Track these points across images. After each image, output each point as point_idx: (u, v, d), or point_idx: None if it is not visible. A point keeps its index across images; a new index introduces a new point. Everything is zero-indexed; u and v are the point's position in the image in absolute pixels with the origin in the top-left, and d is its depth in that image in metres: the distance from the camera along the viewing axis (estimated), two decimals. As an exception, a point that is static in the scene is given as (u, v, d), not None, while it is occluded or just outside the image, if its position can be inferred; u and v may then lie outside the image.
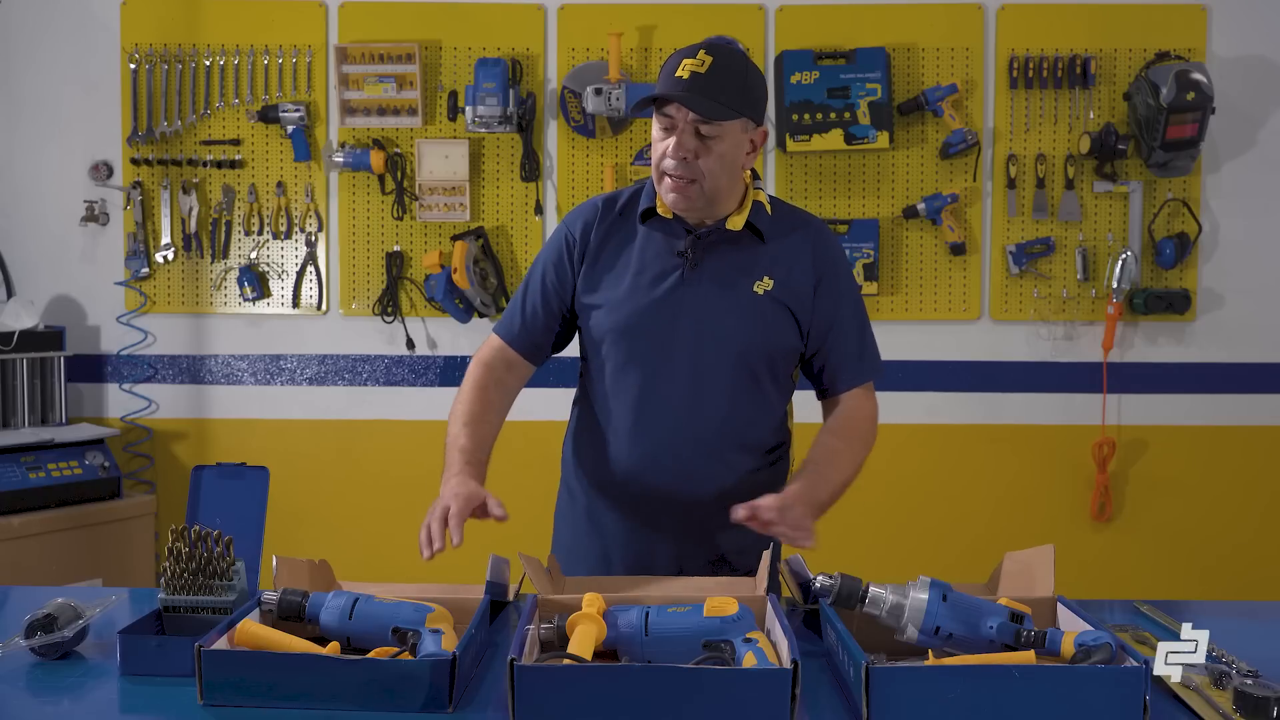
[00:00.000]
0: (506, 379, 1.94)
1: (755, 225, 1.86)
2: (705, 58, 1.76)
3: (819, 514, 1.77)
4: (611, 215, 1.91)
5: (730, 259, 1.85)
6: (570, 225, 1.93)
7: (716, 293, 1.84)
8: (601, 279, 1.88)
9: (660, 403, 1.85)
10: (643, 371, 1.85)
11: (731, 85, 1.78)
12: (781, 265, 1.86)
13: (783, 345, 1.87)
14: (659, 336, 1.84)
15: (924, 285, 3.56)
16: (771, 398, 1.91)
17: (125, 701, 1.36)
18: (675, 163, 1.77)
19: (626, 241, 1.88)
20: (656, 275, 1.85)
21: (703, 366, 1.84)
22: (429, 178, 3.53)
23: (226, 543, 1.50)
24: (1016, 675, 1.23)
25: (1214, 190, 3.56)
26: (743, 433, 1.89)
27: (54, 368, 3.50)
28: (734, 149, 1.82)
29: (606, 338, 1.87)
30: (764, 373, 1.87)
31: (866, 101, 3.42)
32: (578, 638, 1.35)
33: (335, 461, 3.67)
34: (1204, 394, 3.58)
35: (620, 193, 1.95)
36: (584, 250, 1.90)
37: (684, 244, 1.84)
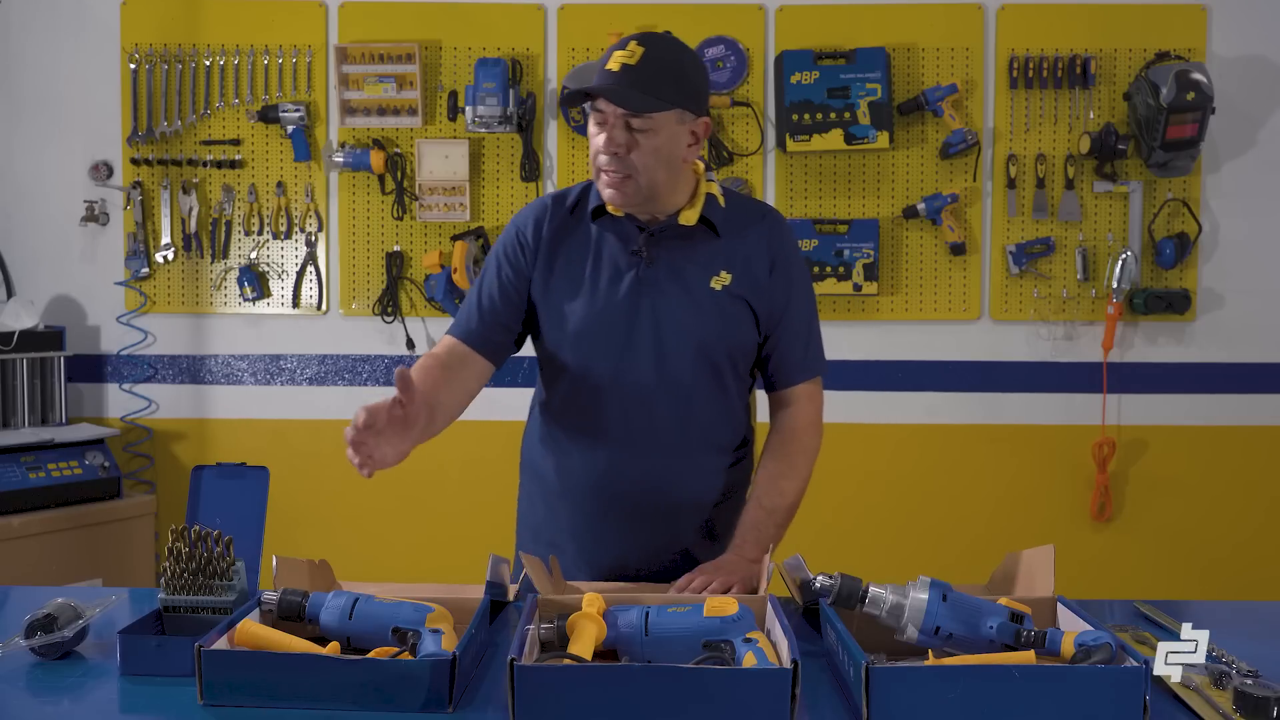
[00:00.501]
0: (458, 368, 1.84)
1: (709, 219, 1.82)
2: (636, 49, 1.72)
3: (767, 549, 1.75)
4: (562, 213, 1.87)
5: (686, 255, 1.82)
6: (521, 225, 1.88)
7: (674, 291, 1.80)
8: (557, 282, 1.84)
9: (624, 405, 1.82)
10: (605, 375, 1.82)
11: (663, 76, 1.72)
12: (738, 258, 1.83)
13: (743, 340, 1.85)
14: (619, 339, 1.81)
15: (924, 285, 3.56)
16: (733, 394, 1.89)
17: (125, 701, 1.36)
18: (607, 158, 1.73)
19: (579, 241, 1.85)
20: (612, 276, 1.81)
21: (665, 366, 1.81)
22: (429, 178, 3.53)
23: (226, 543, 1.50)
24: (1016, 675, 1.23)
25: (1214, 190, 3.56)
26: (707, 431, 1.87)
27: (54, 368, 3.50)
28: (669, 142, 1.75)
29: (566, 342, 1.84)
30: (726, 369, 1.85)
31: (866, 101, 3.42)
32: (578, 638, 1.35)
33: (335, 461, 3.62)
34: (1204, 394, 3.58)
35: (569, 190, 1.90)
36: (536, 249, 1.85)
37: (638, 242, 1.81)
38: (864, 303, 3.54)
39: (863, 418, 3.57)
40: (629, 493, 1.85)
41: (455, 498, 3.61)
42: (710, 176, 1.88)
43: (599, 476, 1.85)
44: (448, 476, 3.62)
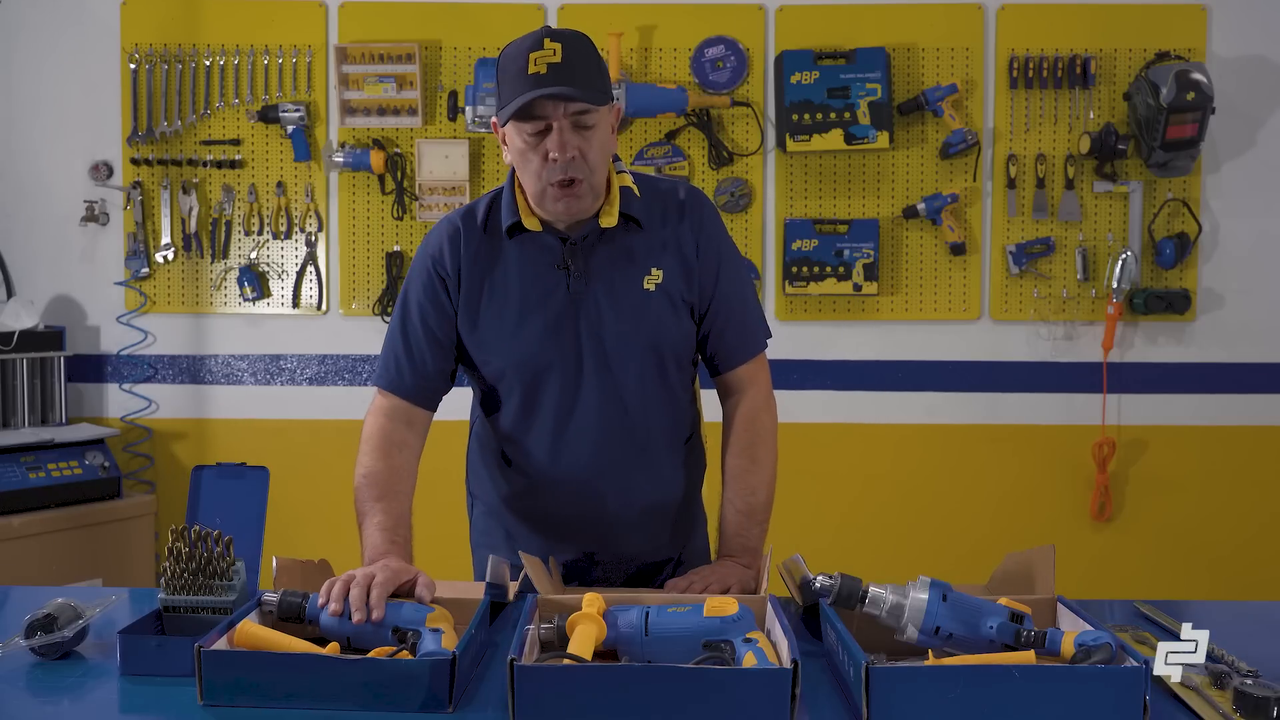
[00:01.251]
0: (407, 438, 1.77)
1: (629, 214, 1.73)
2: (553, 45, 1.61)
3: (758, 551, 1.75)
4: (476, 234, 1.75)
5: (613, 260, 1.73)
6: (436, 256, 1.76)
7: (608, 300, 1.72)
8: (485, 311, 1.74)
9: (578, 424, 1.76)
10: (554, 396, 1.75)
11: (591, 68, 1.64)
12: (668, 250, 1.74)
13: (682, 336, 1.78)
14: (563, 360, 1.73)
15: (924, 285, 3.56)
16: (679, 388, 1.83)
17: (125, 701, 1.36)
18: (563, 164, 1.61)
19: (499, 262, 1.73)
20: (541, 295, 1.72)
21: (613, 378, 1.74)
22: (429, 178, 3.53)
23: (226, 543, 1.49)
24: (1016, 675, 1.23)
25: (1214, 190, 3.56)
26: (663, 431, 1.82)
27: (54, 368, 3.50)
28: (606, 136, 1.68)
29: (506, 373, 1.76)
30: (671, 367, 1.79)
31: (866, 101, 3.42)
32: (578, 638, 1.35)
33: (335, 461, 3.65)
34: (1204, 394, 3.58)
35: (475, 205, 1.78)
36: (458, 280, 1.74)
37: (561, 254, 1.71)
38: (864, 303, 3.54)
39: (863, 418, 3.57)
40: (590, 509, 1.80)
41: (455, 498, 3.59)
42: (620, 167, 1.78)
43: (559, 496, 1.80)
44: (447, 476, 3.60)
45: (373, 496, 1.70)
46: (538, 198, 1.68)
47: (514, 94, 1.61)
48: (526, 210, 1.73)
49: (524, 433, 1.80)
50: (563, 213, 1.68)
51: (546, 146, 1.62)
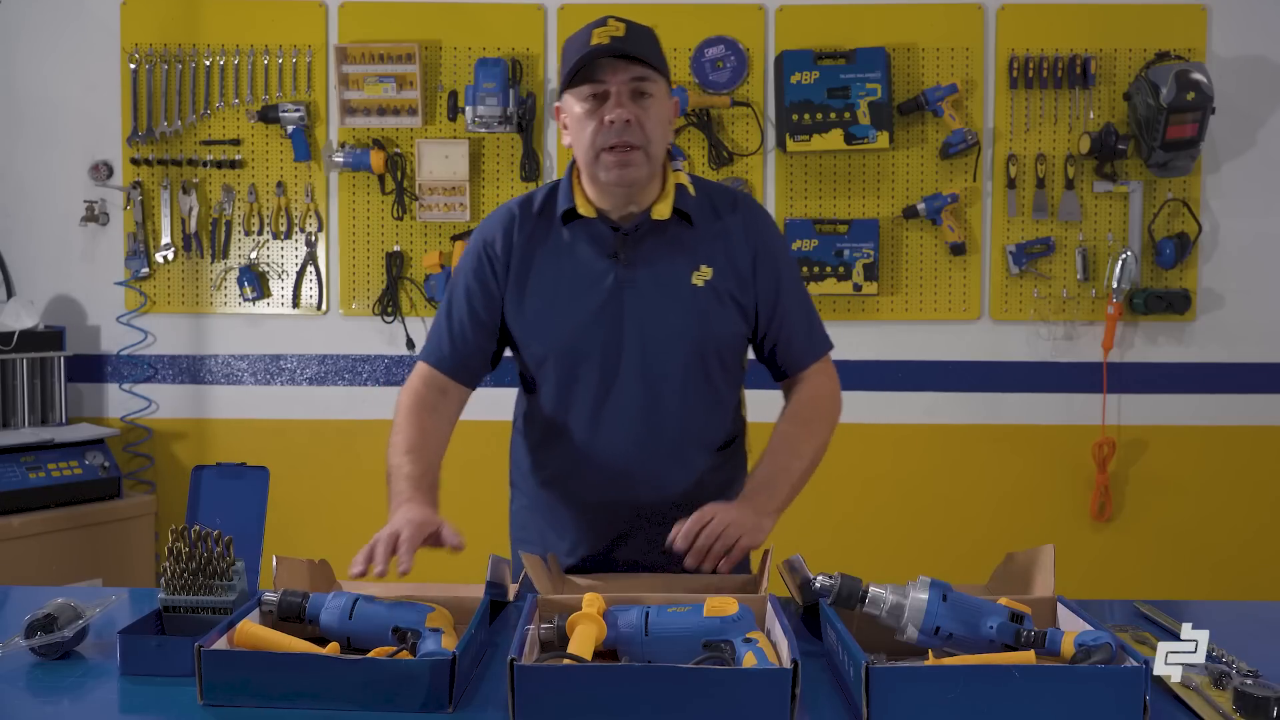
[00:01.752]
0: (440, 404, 1.83)
1: (682, 210, 1.76)
2: (616, 24, 1.67)
3: (779, 508, 1.73)
4: (530, 220, 1.79)
5: (663, 252, 1.76)
6: (488, 239, 1.81)
7: (655, 291, 1.75)
8: (532, 295, 1.78)
9: (615, 414, 1.78)
10: (592, 385, 1.78)
11: (652, 44, 1.70)
12: (717, 250, 1.77)
13: (729, 336, 1.80)
14: (604, 348, 1.76)
15: (924, 285, 3.56)
16: (723, 390, 1.84)
17: (125, 701, 1.36)
18: (618, 128, 1.65)
19: (550, 248, 1.78)
20: (589, 282, 1.75)
21: (653, 370, 1.76)
22: (429, 178, 3.53)
23: (226, 543, 1.50)
24: (1016, 675, 1.23)
25: (1214, 190, 3.56)
26: (700, 430, 1.83)
27: (54, 368, 3.50)
28: (665, 112, 1.72)
29: (549, 357, 1.79)
30: (714, 366, 1.80)
31: (866, 101, 3.42)
32: (578, 638, 1.35)
33: (335, 461, 3.67)
34: (1204, 394, 3.58)
35: (533, 194, 1.83)
36: (507, 262, 1.78)
37: (613, 244, 1.75)
38: (864, 303, 3.54)
39: (863, 418, 3.57)
40: (622, 498, 1.82)
41: (454, 498, 3.58)
42: (677, 166, 1.82)
43: (592, 483, 1.83)
44: (447, 476, 3.60)
45: (400, 450, 1.75)
46: (590, 166, 1.71)
47: (577, 65, 1.66)
48: (583, 198, 1.77)
49: (562, 418, 1.82)
50: (615, 181, 1.70)
51: (603, 112, 1.66)
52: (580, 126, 1.70)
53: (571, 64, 1.68)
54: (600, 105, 1.67)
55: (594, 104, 1.68)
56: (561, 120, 1.77)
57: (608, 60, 1.66)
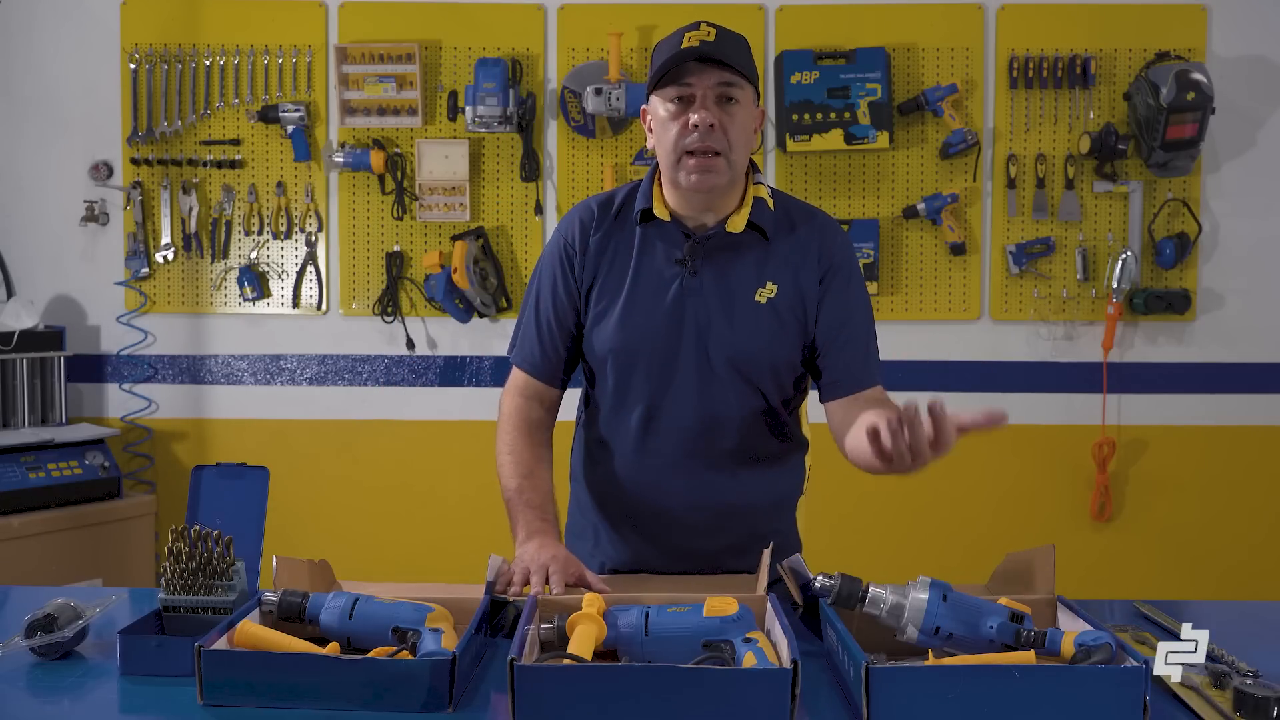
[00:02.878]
0: (545, 418, 1.85)
1: (757, 224, 1.76)
2: (708, 29, 1.67)
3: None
4: (608, 219, 1.80)
5: (732, 265, 1.76)
6: (567, 235, 1.82)
7: (717, 304, 1.75)
8: (601, 293, 1.79)
9: (667, 421, 1.78)
10: (647, 389, 1.78)
11: (744, 52, 1.70)
12: (787, 268, 1.77)
13: (784, 355, 1.79)
14: (662, 354, 1.76)
15: (924, 285, 3.56)
16: (776, 406, 1.84)
17: (125, 701, 1.36)
18: (701, 132, 1.65)
19: (624, 247, 1.79)
20: (656, 286, 1.75)
21: (708, 381, 1.76)
22: (429, 178, 3.53)
23: (226, 543, 1.49)
24: (1016, 675, 1.23)
25: (1214, 190, 3.56)
26: (752, 445, 1.82)
27: (54, 368, 3.50)
28: (750, 120, 1.71)
29: (609, 356, 1.79)
30: (768, 383, 1.80)
31: (866, 101, 3.42)
32: (578, 638, 1.35)
33: (335, 461, 3.67)
34: (1204, 394, 3.59)
35: (614, 193, 1.84)
36: (584, 259, 1.79)
37: (684, 250, 1.75)
38: (864, 303, 3.54)
39: (863, 418, 3.57)
40: (672, 510, 1.81)
41: (455, 498, 3.61)
42: (759, 179, 1.81)
43: (643, 492, 1.82)
44: (448, 476, 3.62)
45: (520, 474, 1.77)
46: (672, 169, 1.71)
47: (665, 67, 1.66)
48: (660, 200, 1.77)
49: (616, 419, 1.83)
50: (695, 186, 1.69)
51: (689, 115, 1.66)
52: (664, 129, 1.69)
53: (659, 65, 1.68)
54: (685, 108, 1.67)
55: (679, 107, 1.68)
56: (647, 122, 1.76)
57: (696, 64, 1.65)
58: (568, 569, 1.59)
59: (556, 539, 1.70)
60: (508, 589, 1.58)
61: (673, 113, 1.68)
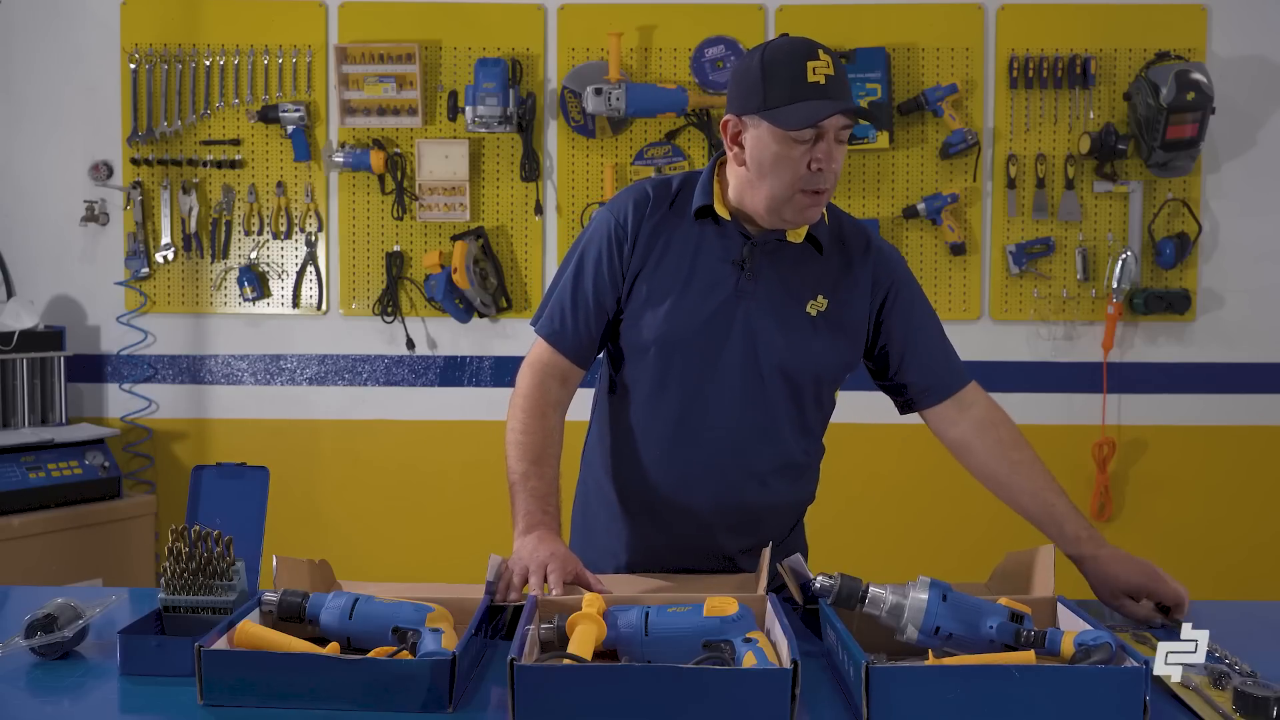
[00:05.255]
0: (563, 397, 1.79)
1: (814, 237, 1.75)
2: (826, 57, 1.63)
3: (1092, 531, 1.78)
4: (663, 207, 1.76)
5: (785, 273, 1.74)
6: (618, 214, 1.76)
7: (769, 310, 1.73)
8: (650, 280, 1.75)
9: (702, 422, 1.76)
10: (686, 388, 1.75)
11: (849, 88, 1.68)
12: (840, 285, 1.77)
13: (831, 367, 1.79)
14: (707, 353, 1.74)
15: (924, 285, 3.52)
16: (814, 419, 1.84)
17: (125, 701, 1.36)
18: (825, 175, 1.63)
19: (679, 239, 1.75)
20: (709, 285, 1.73)
21: (749, 387, 1.75)
22: (429, 178, 3.53)
23: (226, 543, 1.49)
24: (1016, 675, 1.23)
25: (1214, 190, 3.56)
26: (785, 454, 1.82)
27: (54, 368, 3.50)
28: None
29: (651, 348, 1.75)
30: (809, 395, 1.79)
31: (866, 101, 3.42)
32: (578, 638, 1.35)
33: (335, 461, 3.67)
34: (1204, 394, 3.58)
35: (670, 180, 1.80)
36: (635, 240, 1.75)
37: (741, 252, 1.73)
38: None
39: (863, 418, 3.54)
40: (698, 511, 1.79)
41: (455, 498, 3.61)
42: None
43: (669, 492, 1.80)
44: (448, 476, 3.62)
45: (528, 458, 1.71)
46: (779, 202, 1.68)
47: (792, 98, 1.61)
48: (720, 199, 1.75)
49: (651, 410, 1.80)
50: (802, 220, 1.70)
51: (814, 154, 1.63)
52: (780, 162, 1.65)
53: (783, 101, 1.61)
54: (810, 148, 1.63)
55: (805, 146, 1.63)
56: (740, 138, 1.69)
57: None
58: (566, 567, 1.58)
59: (556, 534, 1.66)
60: (507, 594, 1.56)
61: (798, 150, 1.64)
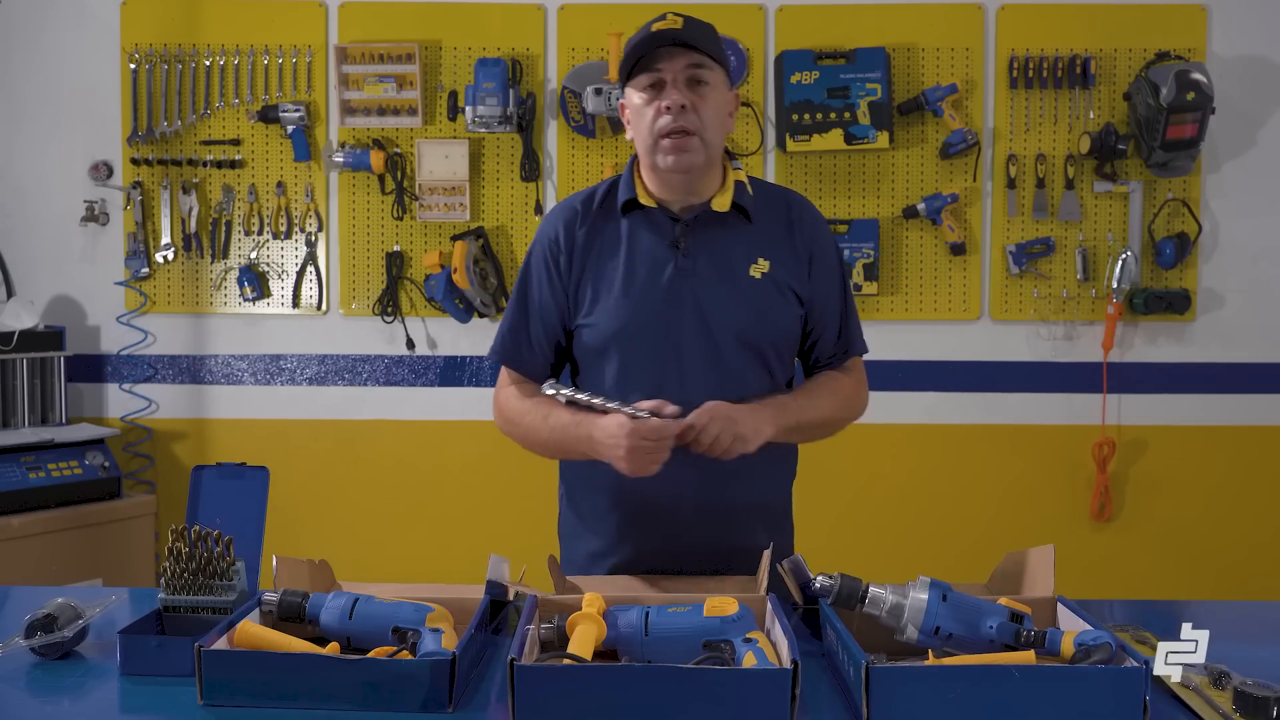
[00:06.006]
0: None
1: (740, 205, 1.81)
2: (675, 18, 1.72)
3: (778, 433, 1.73)
4: (592, 213, 1.83)
5: (722, 243, 1.79)
6: (550, 233, 1.84)
7: (714, 280, 1.77)
8: (595, 286, 1.80)
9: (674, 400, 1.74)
10: (651, 373, 1.77)
11: (711, 36, 1.76)
12: (774, 245, 1.81)
13: (785, 327, 1.83)
14: (663, 334, 1.77)
15: (924, 285, 3.56)
16: (780, 381, 1.85)
17: (125, 701, 1.36)
18: (672, 115, 1.70)
19: (612, 239, 1.81)
20: (650, 270, 1.78)
21: (713, 362, 1.77)
22: (429, 178, 3.53)
23: (226, 543, 1.50)
24: (1016, 675, 1.23)
25: (1214, 190, 3.56)
26: None
27: (54, 368, 3.50)
28: (721, 103, 1.77)
29: (610, 344, 1.79)
30: (771, 357, 1.82)
31: (866, 101, 3.42)
32: (578, 638, 1.35)
33: (335, 461, 3.67)
34: (1204, 394, 3.58)
35: (595, 188, 1.87)
36: (570, 257, 1.81)
37: (674, 232, 1.78)
38: (864, 303, 3.54)
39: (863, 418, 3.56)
40: (684, 493, 1.79)
41: (455, 498, 3.61)
42: (736, 165, 1.86)
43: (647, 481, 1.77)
44: (448, 476, 3.62)
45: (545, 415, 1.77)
46: (650, 153, 1.76)
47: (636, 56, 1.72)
48: (643, 189, 1.81)
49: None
50: (672, 166, 1.74)
51: (661, 99, 1.72)
52: (639, 116, 1.75)
53: (629, 54, 1.73)
54: (658, 94, 1.73)
55: (652, 93, 1.73)
56: (625, 116, 1.82)
57: (665, 49, 1.71)
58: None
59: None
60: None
61: (646, 99, 1.74)
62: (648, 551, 1.84)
